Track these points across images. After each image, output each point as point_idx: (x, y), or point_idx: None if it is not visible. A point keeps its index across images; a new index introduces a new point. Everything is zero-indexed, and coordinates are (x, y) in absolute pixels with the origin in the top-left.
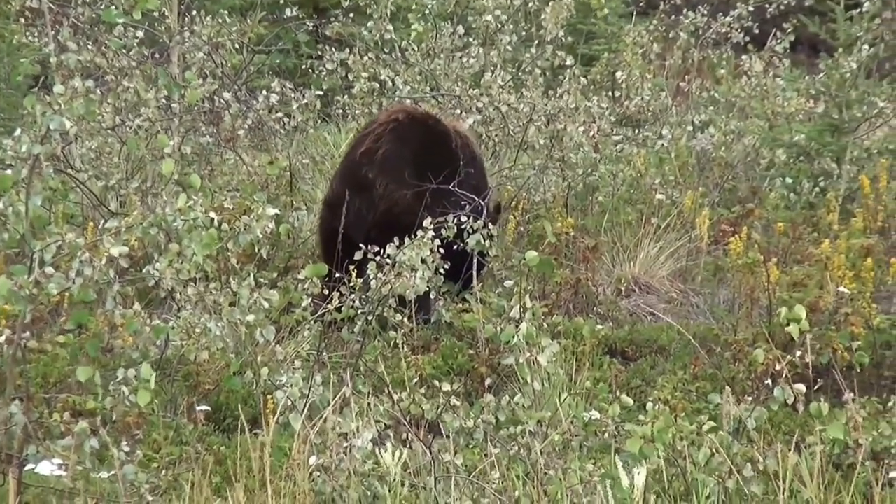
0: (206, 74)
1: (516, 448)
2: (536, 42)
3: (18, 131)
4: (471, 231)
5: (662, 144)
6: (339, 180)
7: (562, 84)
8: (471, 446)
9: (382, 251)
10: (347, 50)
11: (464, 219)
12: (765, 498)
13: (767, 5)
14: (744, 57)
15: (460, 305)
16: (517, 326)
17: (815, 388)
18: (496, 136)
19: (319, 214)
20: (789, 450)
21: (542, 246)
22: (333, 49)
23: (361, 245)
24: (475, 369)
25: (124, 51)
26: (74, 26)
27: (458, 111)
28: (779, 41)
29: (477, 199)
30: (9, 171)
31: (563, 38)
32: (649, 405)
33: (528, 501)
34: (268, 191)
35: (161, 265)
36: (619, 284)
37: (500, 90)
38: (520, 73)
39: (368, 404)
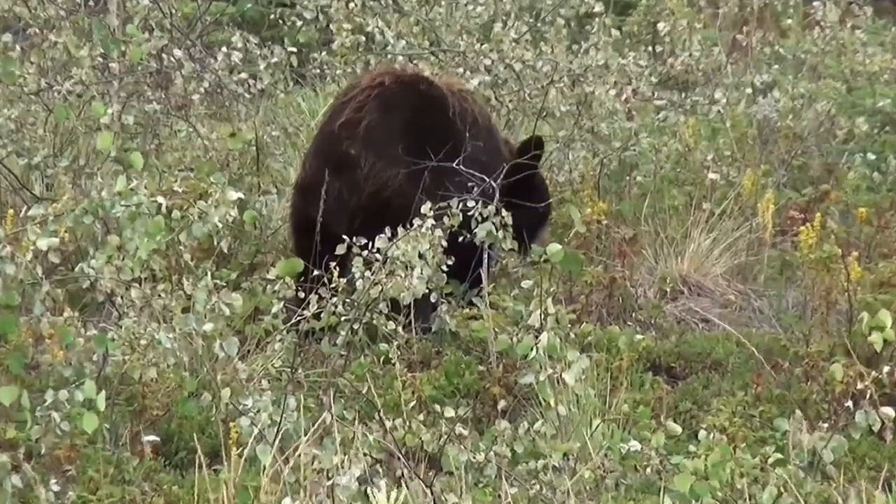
0: (152, 27)
1: (537, 487)
2: None
3: None
4: (480, 219)
5: (717, 111)
6: (314, 158)
7: (589, 37)
8: (481, 485)
9: (370, 244)
10: None
11: (471, 204)
12: None
13: None
14: (815, 4)
15: (467, 311)
16: (537, 337)
17: None
18: (510, 101)
19: (291, 201)
20: (875, 488)
21: (567, 237)
22: None
23: (344, 237)
24: (486, 390)
25: None
26: None
27: (462, 70)
28: None
29: (487, 180)
30: None
31: None
32: (702, 433)
33: None
34: (229, 170)
35: (98, 262)
36: (663, 285)
37: (514, 45)
38: (538, 24)
39: (354, 433)
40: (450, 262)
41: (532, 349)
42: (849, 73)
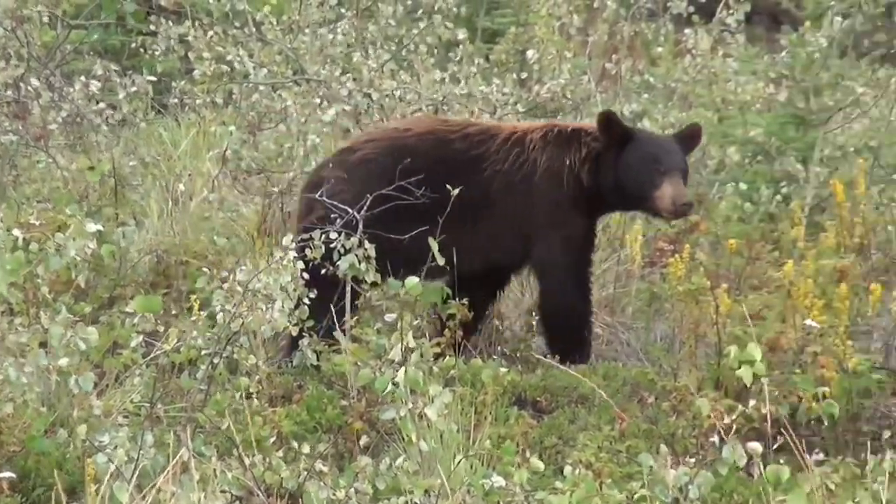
0: (10, 55)
1: None
2: (422, 11)
3: None
4: (342, 251)
5: None
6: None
7: (452, 65)
8: None
9: (231, 275)
10: (188, 24)
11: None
12: None
13: None
14: (687, 31)
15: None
16: (399, 371)
17: (775, 446)
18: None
19: None
20: None
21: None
22: (170, 23)
23: None
24: (348, 425)
25: None
26: None
27: (321, 101)
28: (731, 11)
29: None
30: None
31: (457, 9)
32: (567, 469)
33: None
34: (87, 202)
35: None
36: (529, 318)
37: (375, 73)
38: (403, 52)
39: (213, 470)
40: (312, 295)
41: (393, 383)
42: (720, 101)
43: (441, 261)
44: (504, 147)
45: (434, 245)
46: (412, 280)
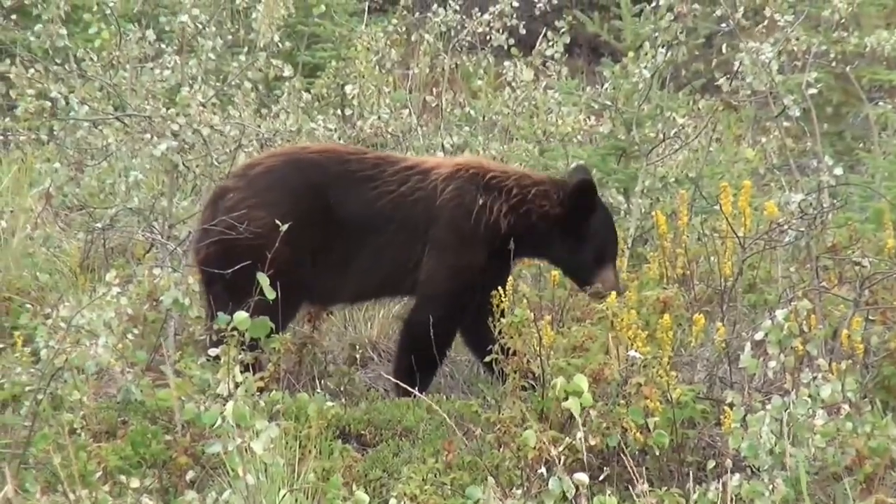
0: None
1: None
2: (246, 49)
3: None
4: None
5: None
6: None
7: (279, 100)
8: None
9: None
10: (8, 60)
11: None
12: None
13: None
14: (507, 64)
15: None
16: (224, 405)
17: (601, 477)
18: (197, 166)
19: None
20: None
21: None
22: None
23: None
24: (172, 460)
25: None
26: None
27: (149, 135)
28: (550, 43)
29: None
30: None
31: (280, 43)
32: (392, 502)
33: None
34: None
35: None
36: (352, 351)
37: (201, 108)
38: (226, 88)
39: None
40: (136, 331)
41: (219, 418)
42: (541, 133)
43: (270, 295)
44: (403, 172)
45: (264, 280)
46: (241, 315)
